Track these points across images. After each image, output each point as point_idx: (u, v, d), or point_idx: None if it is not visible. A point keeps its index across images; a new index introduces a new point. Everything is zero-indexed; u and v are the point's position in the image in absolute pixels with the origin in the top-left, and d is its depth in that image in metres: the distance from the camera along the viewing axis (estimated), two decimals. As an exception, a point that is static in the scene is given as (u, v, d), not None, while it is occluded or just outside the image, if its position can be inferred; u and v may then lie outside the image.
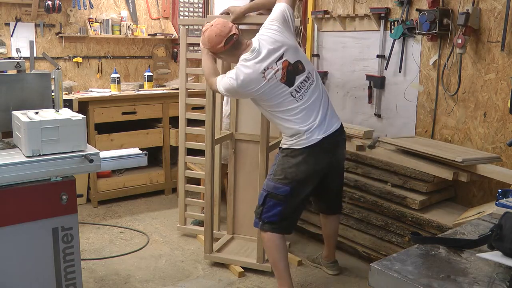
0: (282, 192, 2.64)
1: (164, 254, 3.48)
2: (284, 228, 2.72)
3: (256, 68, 2.53)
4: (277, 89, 2.56)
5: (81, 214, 4.08)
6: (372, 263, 1.35)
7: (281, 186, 2.64)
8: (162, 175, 4.73)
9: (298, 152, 2.63)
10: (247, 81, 2.54)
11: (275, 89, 2.56)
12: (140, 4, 5.11)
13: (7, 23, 4.40)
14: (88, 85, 4.87)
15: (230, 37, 2.58)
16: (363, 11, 3.79)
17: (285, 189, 2.64)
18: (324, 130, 2.62)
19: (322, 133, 2.61)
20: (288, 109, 2.60)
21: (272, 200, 2.67)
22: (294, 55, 2.60)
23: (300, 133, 2.60)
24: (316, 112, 2.62)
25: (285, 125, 2.64)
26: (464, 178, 2.88)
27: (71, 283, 2.27)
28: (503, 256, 1.33)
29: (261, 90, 2.55)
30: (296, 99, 2.58)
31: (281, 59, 2.55)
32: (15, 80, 2.50)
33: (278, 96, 2.58)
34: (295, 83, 2.58)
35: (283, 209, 2.66)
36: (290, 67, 2.57)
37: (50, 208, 2.17)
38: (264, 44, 2.56)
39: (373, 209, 3.25)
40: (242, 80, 2.54)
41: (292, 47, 2.61)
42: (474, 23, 3.02)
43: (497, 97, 3.02)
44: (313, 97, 2.62)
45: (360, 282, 3.08)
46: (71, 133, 2.21)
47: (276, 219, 2.67)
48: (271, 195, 2.67)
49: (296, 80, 2.58)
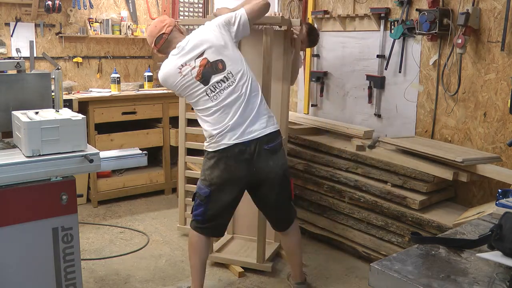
0: (203, 193, 2.60)
1: (164, 254, 3.48)
2: (206, 230, 2.68)
3: (175, 63, 2.55)
4: (192, 86, 2.54)
5: (81, 214, 4.08)
6: (372, 263, 1.35)
7: (203, 187, 2.61)
8: (162, 175, 4.73)
9: (210, 155, 2.58)
10: (167, 75, 2.58)
11: (190, 86, 2.54)
12: (140, 4, 5.11)
13: (7, 23, 4.40)
14: (88, 85, 4.87)
15: (159, 37, 2.59)
16: (363, 11, 3.79)
17: (205, 191, 2.59)
18: (238, 135, 2.49)
19: (235, 139, 2.49)
20: (203, 109, 2.56)
21: (197, 200, 2.65)
22: (216, 54, 2.52)
23: (212, 135, 2.54)
24: (232, 115, 2.50)
25: (202, 125, 2.61)
26: (464, 178, 2.88)
27: (71, 283, 2.27)
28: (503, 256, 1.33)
29: (178, 85, 2.56)
30: (210, 98, 2.52)
31: (201, 56, 2.52)
32: (15, 80, 2.50)
33: (194, 94, 2.55)
34: (210, 82, 2.51)
35: (205, 210, 2.62)
36: (208, 65, 2.51)
37: (50, 208, 2.17)
38: (190, 41, 2.55)
39: (373, 209, 3.25)
40: (163, 74, 2.59)
41: (217, 46, 2.52)
42: (474, 23, 3.02)
43: (497, 97, 3.02)
44: (230, 99, 2.50)
45: (360, 282, 3.08)
46: (71, 133, 2.21)
47: (200, 218, 2.65)
48: (197, 194, 2.65)
49: (211, 79, 2.51)
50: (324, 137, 3.80)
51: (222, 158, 2.52)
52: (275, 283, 3.07)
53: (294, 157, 3.78)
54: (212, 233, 2.76)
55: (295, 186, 3.79)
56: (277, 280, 3.11)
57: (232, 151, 2.50)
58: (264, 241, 3.12)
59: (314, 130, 3.91)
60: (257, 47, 3.28)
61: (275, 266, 3.25)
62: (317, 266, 3.31)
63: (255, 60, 3.32)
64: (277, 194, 2.65)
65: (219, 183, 2.56)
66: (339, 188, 3.45)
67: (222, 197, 2.60)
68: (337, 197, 3.49)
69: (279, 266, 3.29)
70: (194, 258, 2.74)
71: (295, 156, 3.78)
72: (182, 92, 2.61)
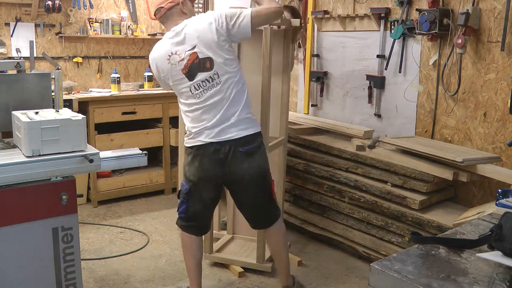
0: (184, 190, 2.62)
1: (164, 254, 3.48)
2: (190, 228, 2.69)
3: (166, 49, 2.50)
4: (177, 78, 2.50)
5: (81, 214, 4.08)
6: (372, 263, 1.35)
7: (184, 184, 2.63)
8: (162, 175, 4.73)
9: (188, 151, 2.58)
10: (156, 59, 2.54)
11: (176, 77, 2.50)
12: (140, 4, 5.11)
13: (7, 23, 4.40)
14: (88, 85, 4.87)
15: (158, 9, 2.55)
16: (363, 11, 3.79)
17: (186, 187, 2.61)
18: (214, 134, 2.47)
19: (211, 137, 2.47)
20: (186, 103, 2.54)
21: (180, 197, 2.67)
22: (207, 51, 2.45)
23: (190, 131, 2.55)
24: (212, 115, 2.47)
25: (184, 119, 2.60)
26: (464, 178, 2.88)
27: (71, 283, 2.27)
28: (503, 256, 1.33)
29: (164, 72, 2.52)
30: (194, 95, 2.49)
31: (191, 50, 2.45)
32: (15, 80, 2.50)
33: (179, 87, 2.52)
34: (195, 78, 2.46)
35: (186, 207, 2.64)
36: (196, 61, 2.45)
37: (50, 208, 2.17)
38: (186, 28, 2.48)
39: (373, 209, 3.25)
40: (152, 56, 2.56)
41: (210, 43, 2.44)
42: (474, 23, 3.02)
43: (497, 97, 3.02)
44: (213, 100, 2.47)
45: (360, 282, 3.08)
46: (71, 133, 2.21)
47: (183, 216, 2.67)
48: (180, 192, 2.67)
49: (196, 76, 2.46)
50: (324, 137, 3.80)
51: (198, 155, 2.52)
52: (275, 283, 3.07)
53: (294, 157, 3.78)
54: (196, 231, 2.71)
55: (295, 186, 3.80)
56: (277, 280, 3.11)
57: (207, 150, 2.49)
58: (264, 241, 3.12)
59: (314, 130, 3.91)
60: (257, 47, 3.28)
61: (275, 266, 3.25)
62: (317, 266, 3.31)
63: (255, 60, 3.33)
64: (253, 195, 2.63)
65: (195, 181, 2.57)
66: (339, 188, 3.45)
67: (201, 194, 2.60)
68: (337, 197, 3.49)
69: (279, 266, 3.29)
70: (188, 258, 2.75)
71: (295, 156, 3.78)
72: (166, 80, 2.56)
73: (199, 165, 2.53)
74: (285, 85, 3.31)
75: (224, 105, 2.48)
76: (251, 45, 3.38)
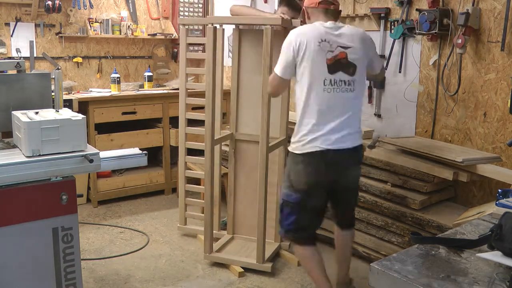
0: (293, 199, 2.56)
1: (164, 254, 3.48)
2: (303, 239, 2.64)
3: (321, 32, 2.49)
4: (318, 64, 2.46)
5: (81, 214, 4.08)
6: (372, 263, 1.35)
7: (291, 193, 2.57)
8: (162, 175, 4.73)
9: (299, 159, 2.52)
10: (305, 35, 2.47)
11: (316, 63, 2.46)
12: (140, 4, 5.11)
13: (7, 23, 4.40)
14: (88, 85, 4.87)
15: (327, 2, 2.58)
16: (363, 11, 3.79)
17: (295, 196, 2.55)
18: (332, 142, 2.47)
19: (327, 145, 2.46)
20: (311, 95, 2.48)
21: (287, 208, 2.60)
22: (355, 59, 2.52)
23: (305, 134, 2.49)
24: (334, 121, 2.48)
25: (302, 115, 2.53)
26: (464, 178, 2.88)
27: (71, 283, 2.27)
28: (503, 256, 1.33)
29: (307, 51, 2.46)
30: (324, 88, 2.47)
31: (344, 48, 2.49)
32: (15, 80, 2.50)
33: (313, 73, 2.47)
34: (335, 74, 2.47)
35: (297, 217, 2.57)
36: (343, 60, 2.49)
37: (50, 208, 2.17)
38: (347, 31, 2.55)
39: (373, 209, 3.25)
40: (302, 31, 2.51)
41: (359, 54, 2.54)
42: (474, 23, 3.02)
43: (497, 97, 3.02)
44: (339, 102, 2.49)
45: (360, 282, 3.07)
46: (71, 133, 2.21)
47: (292, 227, 2.60)
48: (285, 203, 2.60)
49: (337, 74, 2.48)
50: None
51: (312, 162, 2.49)
52: (275, 283, 3.07)
53: (294, 157, 3.78)
54: (309, 242, 2.65)
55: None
56: (277, 280, 3.12)
57: (324, 156, 2.47)
58: (264, 241, 3.12)
59: (314, 130, 3.91)
60: (257, 47, 3.28)
61: (275, 266, 3.25)
62: None
63: (255, 60, 3.33)
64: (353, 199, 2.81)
65: (306, 189, 2.53)
66: (339, 188, 3.45)
67: (312, 201, 2.56)
68: (337, 197, 3.49)
69: (279, 266, 3.29)
70: (314, 270, 2.64)
71: (295, 156, 3.78)
72: (304, 62, 2.48)
73: (314, 171, 2.50)
74: (285, 85, 3.30)
75: (347, 113, 2.51)
76: (251, 45, 3.38)
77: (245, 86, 3.44)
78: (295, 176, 2.55)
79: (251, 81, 3.40)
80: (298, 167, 2.53)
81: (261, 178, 3.02)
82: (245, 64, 3.43)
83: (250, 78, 3.41)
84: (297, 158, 2.53)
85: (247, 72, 3.43)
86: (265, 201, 3.06)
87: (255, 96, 3.33)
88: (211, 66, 3.08)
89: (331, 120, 2.48)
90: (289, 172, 2.59)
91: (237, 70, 3.44)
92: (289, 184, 2.58)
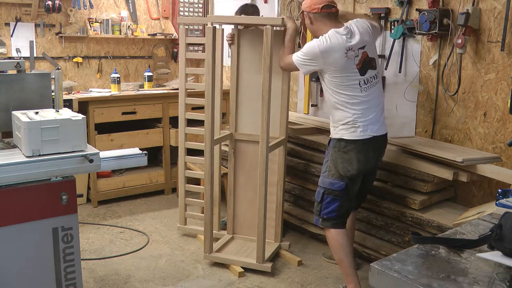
0: (338, 187, 2.73)
1: (164, 254, 3.48)
2: (342, 224, 2.80)
3: (345, 43, 2.68)
4: (350, 70, 2.69)
5: (81, 214, 4.08)
6: (372, 263, 1.35)
7: (336, 181, 2.74)
8: (162, 175, 4.73)
9: (349, 147, 2.71)
10: (334, 49, 2.67)
11: (348, 69, 2.69)
12: (140, 4, 5.11)
13: (7, 23, 4.41)
14: (88, 85, 4.87)
15: (329, 5, 2.77)
16: (363, 11, 3.79)
17: (341, 184, 2.73)
18: (376, 129, 2.74)
19: (375, 132, 2.73)
20: (351, 95, 2.71)
21: (329, 196, 2.76)
22: (372, 52, 2.78)
23: (355, 123, 2.70)
24: (373, 110, 2.74)
25: (343, 109, 2.73)
26: (464, 178, 2.88)
27: (71, 283, 2.27)
28: (503, 256, 1.33)
29: (339, 63, 2.68)
30: (361, 89, 2.71)
31: (363, 49, 2.72)
32: (15, 80, 2.50)
33: (348, 78, 2.70)
34: (366, 74, 2.72)
35: (340, 204, 2.74)
36: (367, 59, 2.73)
37: (50, 208, 2.18)
38: (356, 29, 2.74)
39: (373, 209, 3.25)
40: (331, 44, 2.67)
41: (372, 46, 2.81)
42: (474, 23, 3.01)
43: (497, 97, 3.02)
44: (375, 95, 2.76)
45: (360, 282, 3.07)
46: (71, 133, 2.21)
47: (334, 215, 2.76)
48: (328, 191, 2.76)
49: (367, 73, 2.72)
50: (324, 137, 3.79)
51: (363, 148, 2.72)
52: (275, 283, 3.07)
53: (294, 157, 3.77)
54: (343, 225, 2.82)
55: (295, 186, 3.79)
56: (277, 280, 3.12)
57: (373, 143, 2.74)
58: (264, 241, 3.12)
59: (314, 130, 3.91)
60: (257, 47, 3.28)
61: (275, 266, 3.25)
62: (317, 266, 3.31)
63: (255, 60, 3.33)
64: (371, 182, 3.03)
65: (354, 175, 2.73)
66: (339, 188, 3.44)
67: (354, 188, 2.78)
68: (337, 197, 3.49)
69: (279, 266, 3.29)
70: (347, 257, 2.77)
71: (295, 156, 3.78)
72: (337, 73, 2.70)
73: (364, 158, 2.73)
74: (285, 85, 3.31)
75: (380, 102, 2.82)
76: (251, 45, 3.38)
77: (244, 86, 3.44)
78: (345, 163, 2.73)
79: (250, 81, 3.40)
80: (348, 155, 2.73)
81: (261, 178, 3.02)
82: (245, 64, 3.43)
83: (250, 78, 3.41)
84: (348, 146, 2.73)
85: (247, 72, 3.43)
86: (265, 201, 3.06)
87: (254, 96, 3.33)
88: (211, 66, 3.08)
89: (373, 111, 2.74)
90: (336, 161, 2.76)
91: (237, 70, 3.45)
92: (334, 172, 2.75)
